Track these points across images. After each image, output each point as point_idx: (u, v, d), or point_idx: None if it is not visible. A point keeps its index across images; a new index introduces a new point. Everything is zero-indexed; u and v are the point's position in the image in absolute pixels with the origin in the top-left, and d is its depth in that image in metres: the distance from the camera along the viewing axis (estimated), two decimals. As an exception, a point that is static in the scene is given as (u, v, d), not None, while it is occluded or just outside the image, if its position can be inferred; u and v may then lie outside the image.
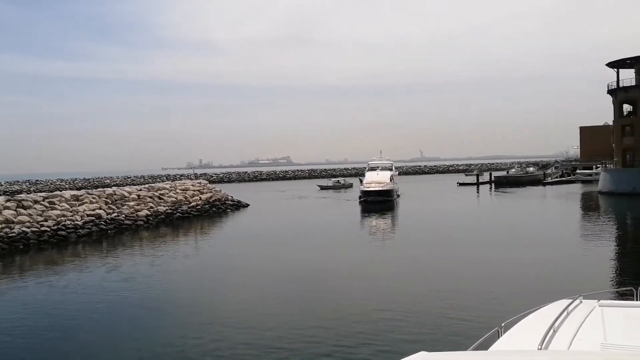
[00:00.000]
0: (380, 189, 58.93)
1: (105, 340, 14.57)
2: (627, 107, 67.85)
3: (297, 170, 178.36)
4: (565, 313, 5.80)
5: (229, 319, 16.14)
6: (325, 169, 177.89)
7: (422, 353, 2.69)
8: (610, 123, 73.38)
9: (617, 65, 66.40)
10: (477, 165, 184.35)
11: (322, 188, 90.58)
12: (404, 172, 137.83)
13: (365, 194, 58.90)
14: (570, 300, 6.39)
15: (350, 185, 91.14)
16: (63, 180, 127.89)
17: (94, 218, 40.15)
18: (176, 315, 17.23)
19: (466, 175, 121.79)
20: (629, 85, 65.48)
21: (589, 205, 55.66)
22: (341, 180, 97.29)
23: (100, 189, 48.76)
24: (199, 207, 51.57)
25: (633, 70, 66.27)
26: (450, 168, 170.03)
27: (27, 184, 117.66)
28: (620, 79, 66.50)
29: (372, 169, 67.47)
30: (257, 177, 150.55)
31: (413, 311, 16.10)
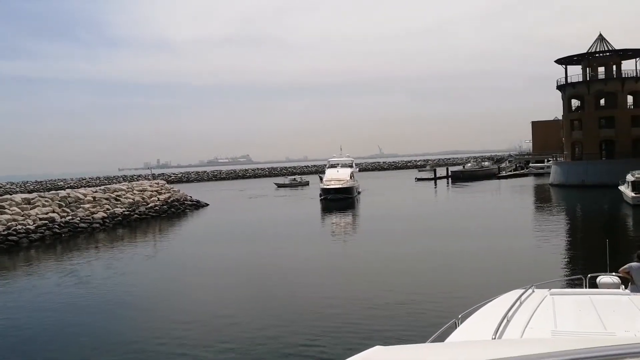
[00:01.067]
0: (340, 186, 58.31)
1: (59, 346, 14.22)
2: (575, 102, 69.94)
3: (257, 168, 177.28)
4: (518, 303, 5.98)
5: (188, 319, 15.98)
6: (285, 167, 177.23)
7: (377, 347, 2.74)
8: (560, 118, 75.50)
9: (565, 62, 68.43)
10: (435, 160, 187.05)
11: (279, 186, 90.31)
12: (364, 168, 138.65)
13: (325, 191, 58.25)
14: (523, 290, 6.60)
15: (307, 183, 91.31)
16: (13, 184, 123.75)
17: (47, 222, 39.05)
18: (134, 317, 16.97)
19: (419, 171, 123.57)
20: (577, 81, 67.56)
21: (541, 197, 57.22)
22: (298, 178, 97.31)
23: (54, 191, 47.47)
24: (157, 207, 50.79)
25: (580, 66, 68.41)
26: (409, 164, 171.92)
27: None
28: (568, 75, 68.57)
29: (332, 166, 67.10)
30: (216, 177, 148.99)
31: (369, 306, 16.27)
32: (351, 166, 66.81)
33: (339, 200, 55.63)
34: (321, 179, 63.63)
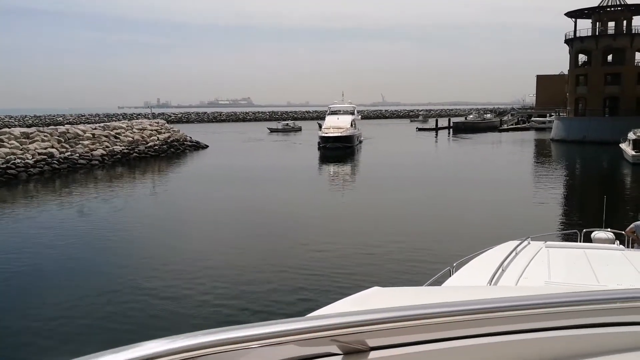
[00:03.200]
0: (339, 134, 55.15)
1: (59, 282, 14.43)
2: (582, 57, 68.99)
3: (258, 112, 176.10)
4: (514, 253, 6.04)
5: (187, 260, 16.17)
6: (286, 112, 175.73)
7: (376, 288, 2.77)
8: (566, 72, 74.62)
9: (575, 15, 67.07)
10: (437, 110, 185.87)
11: (272, 131, 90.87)
12: (366, 116, 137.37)
13: (324, 139, 54.98)
14: (519, 242, 6.66)
15: (300, 129, 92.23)
16: (12, 117, 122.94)
17: (46, 157, 39.02)
18: (133, 255, 17.18)
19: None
20: (585, 35, 66.40)
21: (541, 151, 57.18)
22: (290, 123, 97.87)
23: (53, 126, 47.22)
24: (156, 147, 50.71)
25: (590, 20, 67.10)
26: (411, 113, 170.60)
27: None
28: (577, 29, 67.32)
29: (333, 113, 63.88)
30: (216, 118, 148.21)
31: (365, 252, 16.46)
32: (353, 113, 63.78)
33: (337, 149, 52.88)
34: (320, 126, 60.26)
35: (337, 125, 57.70)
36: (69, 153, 41.15)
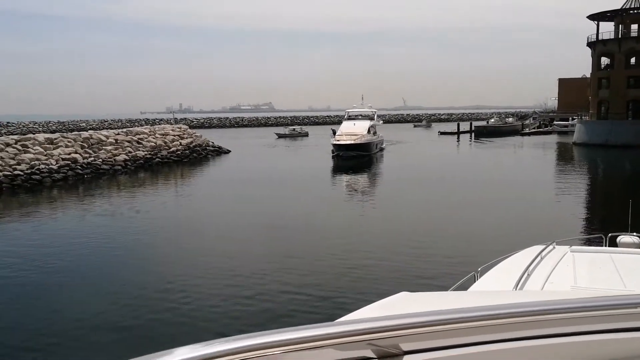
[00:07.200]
0: (353, 142, 50.57)
1: (80, 286, 14.53)
2: (605, 60, 68.12)
3: (280, 117, 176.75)
4: (539, 258, 6.00)
5: (209, 265, 16.25)
6: (307, 116, 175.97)
7: (404, 293, 2.80)
8: (588, 76, 73.76)
9: (597, 17, 66.31)
10: (459, 114, 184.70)
11: (280, 136, 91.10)
12: (387, 120, 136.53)
13: (337, 148, 51.03)
14: (544, 246, 6.61)
15: (307, 134, 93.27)
16: (36, 123, 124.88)
17: (69, 162, 39.60)
18: (151, 259, 17.34)
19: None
20: (608, 38, 65.57)
21: (563, 155, 56.54)
22: (297, 128, 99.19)
23: (76, 132, 47.86)
24: (179, 152, 51.15)
25: (612, 23, 66.26)
26: (432, 117, 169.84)
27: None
28: (600, 31, 66.55)
29: (351, 118, 60.08)
30: (238, 123, 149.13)
31: (387, 257, 16.40)
32: (372, 119, 59.45)
33: (351, 159, 48.54)
34: (334, 132, 55.47)
35: (351, 132, 53.40)
36: (92, 158, 41.70)
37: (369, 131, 55.17)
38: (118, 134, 48.57)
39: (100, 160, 42.07)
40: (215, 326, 11.31)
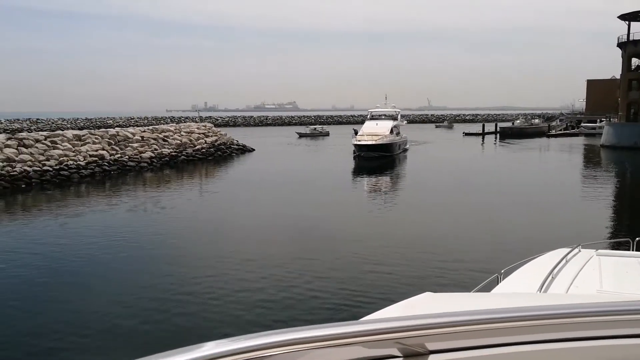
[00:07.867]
0: (374, 142, 49.83)
1: (103, 281, 14.72)
2: (635, 61, 66.89)
3: (303, 116, 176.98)
4: (564, 261, 5.94)
5: (233, 264, 16.37)
6: (330, 116, 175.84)
7: (428, 293, 2.82)
8: (618, 77, 72.47)
9: (628, 17, 65.07)
10: (484, 115, 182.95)
11: (301, 136, 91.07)
12: (411, 120, 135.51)
13: (358, 148, 50.47)
14: (570, 249, 6.54)
15: (327, 134, 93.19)
16: (64, 120, 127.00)
17: (97, 159, 40.18)
18: (181, 259, 17.53)
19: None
20: (639, 38, 64.34)
21: (590, 157, 55.68)
22: (318, 127, 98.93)
23: (103, 129, 48.55)
24: (204, 150, 51.53)
25: (644, 23, 65.06)
26: (457, 118, 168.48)
27: (27, 122, 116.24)
28: (631, 32, 65.30)
29: (373, 118, 58.96)
30: (262, 122, 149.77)
31: (410, 258, 16.38)
32: (395, 119, 58.26)
33: (373, 159, 47.87)
34: (355, 132, 54.39)
35: (374, 132, 52.57)
36: (119, 155, 42.25)
37: (391, 131, 54.46)
38: (144, 131, 49.12)
39: (127, 157, 42.60)
40: (241, 322, 11.42)
